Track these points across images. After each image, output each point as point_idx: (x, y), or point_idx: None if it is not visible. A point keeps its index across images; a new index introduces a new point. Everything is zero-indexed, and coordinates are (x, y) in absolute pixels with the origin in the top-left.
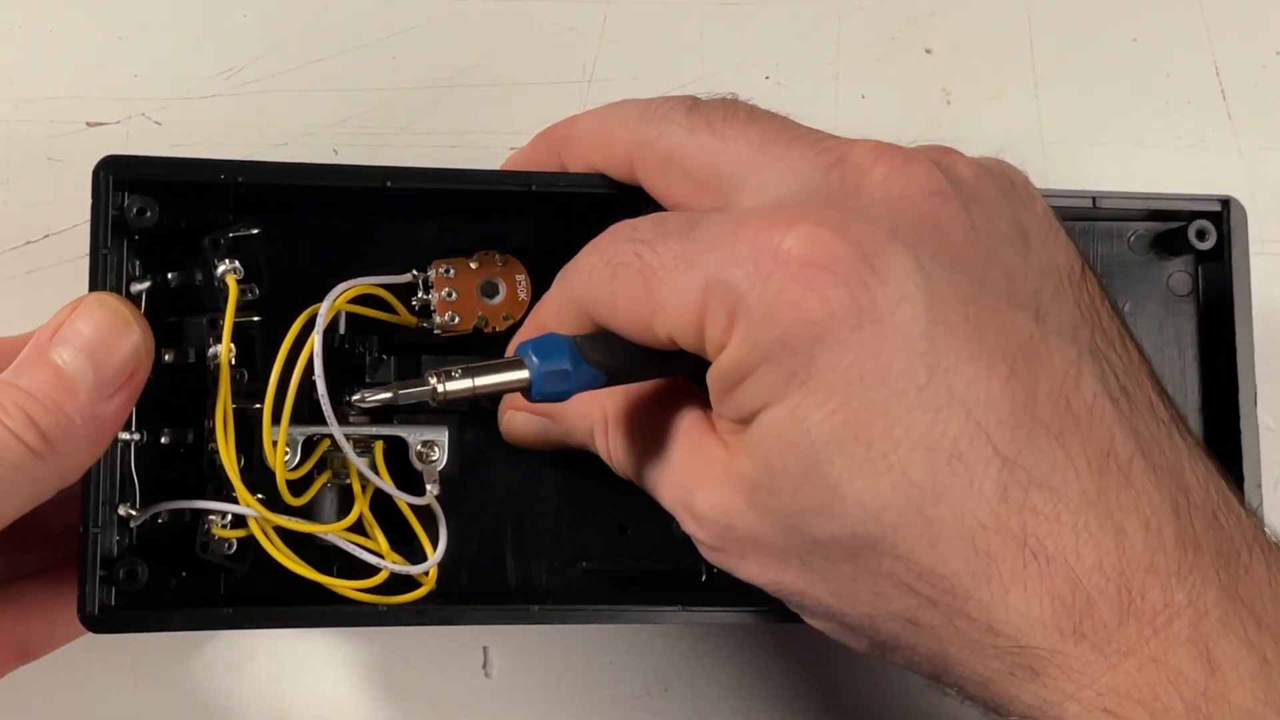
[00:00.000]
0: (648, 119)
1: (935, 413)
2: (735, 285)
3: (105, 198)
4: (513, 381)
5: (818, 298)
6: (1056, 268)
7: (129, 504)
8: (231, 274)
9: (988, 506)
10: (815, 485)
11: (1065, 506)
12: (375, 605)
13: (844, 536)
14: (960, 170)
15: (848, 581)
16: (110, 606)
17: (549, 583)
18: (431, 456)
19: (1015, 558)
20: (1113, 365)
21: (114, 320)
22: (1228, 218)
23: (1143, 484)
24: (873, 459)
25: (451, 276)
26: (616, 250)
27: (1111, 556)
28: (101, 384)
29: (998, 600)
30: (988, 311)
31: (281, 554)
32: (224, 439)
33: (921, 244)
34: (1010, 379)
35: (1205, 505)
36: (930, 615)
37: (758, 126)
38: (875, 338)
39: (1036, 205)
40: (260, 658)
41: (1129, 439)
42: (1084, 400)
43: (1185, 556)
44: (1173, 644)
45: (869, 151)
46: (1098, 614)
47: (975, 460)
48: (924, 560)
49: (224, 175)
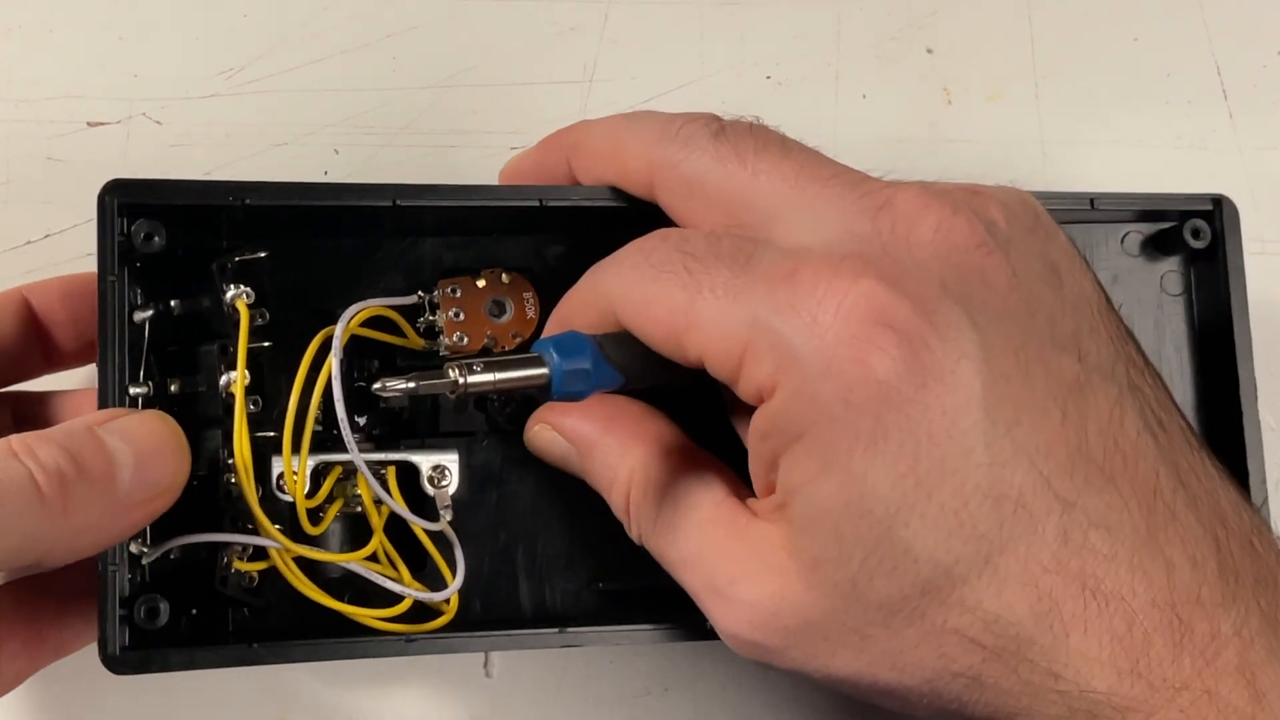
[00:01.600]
0: (670, 139)
1: (1001, 466)
2: (786, 334)
3: (111, 224)
4: (532, 377)
5: (882, 354)
6: (1088, 301)
7: (140, 540)
8: (241, 299)
9: (1050, 551)
10: (887, 549)
11: (1121, 545)
12: (402, 635)
13: (913, 596)
14: (992, 213)
15: (910, 649)
16: (130, 647)
17: (563, 604)
18: (443, 481)
19: (1076, 599)
20: (1147, 399)
21: (169, 438)
22: (1221, 216)
23: (1186, 518)
24: (945, 516)
25: (458, 296)
26: (665, 256)
27: (1164, 592)
28: (135, 486)
29: (1059, 644)
30: (1035, 358)
31: (304, 585)
32: (244, 470)
33: (971, 298)
34: (1064, 423)
35: (1241, 533)
36: (994, 668)
37: (791, 161)
38: (939, 395)
39: (1060, 237)
40: None
41: (1171, 473)
42: (1129, 438)
43: (1228, 587)
44: (1222, 675)
45: (916, 199)
46: (1154, 650)
47: (1038, 507)
48: (991, 609)
49: (232, 197)
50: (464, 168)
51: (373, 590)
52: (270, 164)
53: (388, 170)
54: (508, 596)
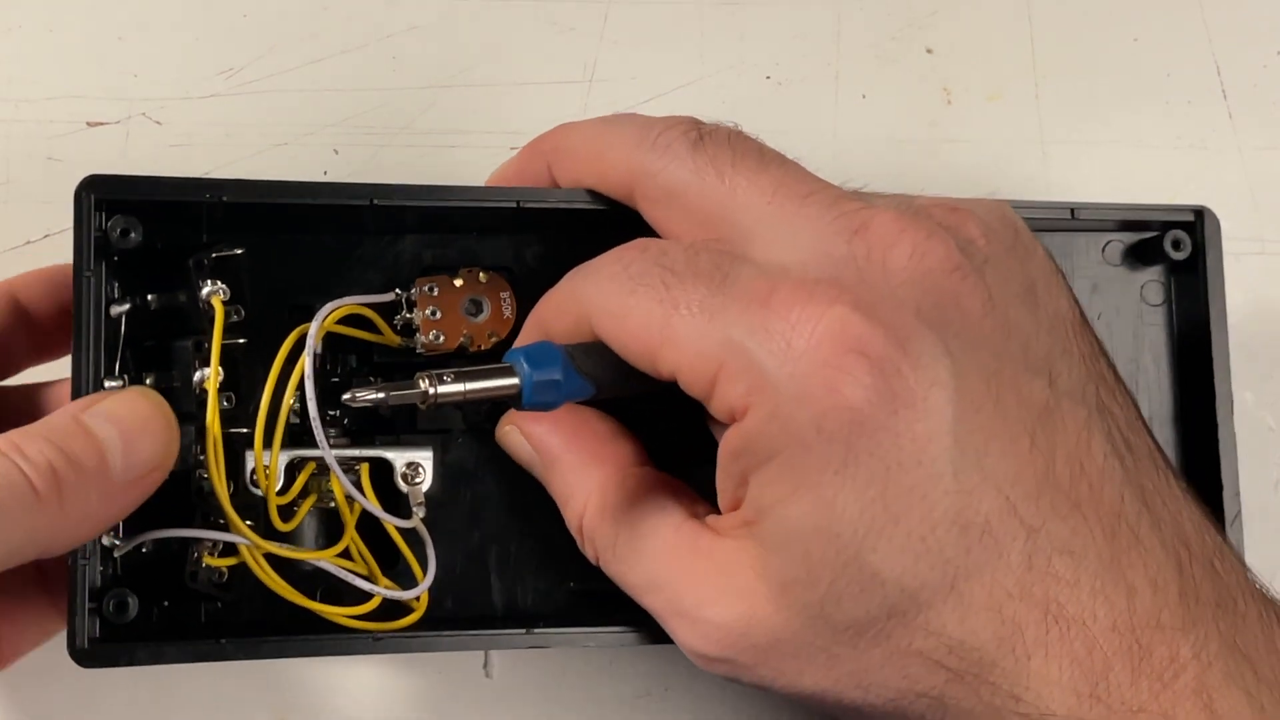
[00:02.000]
0: (649, 147)
1: (969, 493)
2: (760, 357)
3: (88, 219)
4: (503, 388)
5: (855, 383)
6: (1063, 319)
7: (112, 533)
8: (217, 295)
9: (1014, 577)
10: (855, 572)
11: (1084, 570)
12: (370, 633)
13: (879, 618)
14: (970, 231)
15: (875, 669)
16: (99, 640)
17: (535, 603)
18: (416, 479)
19: (1039, 624)
20: (1116, 420)
21: (155, 414)
22: (1202, 227)
23: (1149, 541)
24: (912, 541)
25: (435, 295)
26: (644, 269)
27: (1124, 616)
28: (126, 467)
29: (1021, 667)
30: (1007, 384)
31: (274, 582)
32: (215, 466)
33: (946, 324)
34: (1032, 450)
35: (1204, 555)
36: (957, 689)
37: (768, 175)
38: (909, 422)
39: (1038, 253)
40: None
41: (1136, 496)
42: (1095, 463)
43: (1189, 610)
44: (1180, 698)
45: (893, 223)
46: (1113, 674)
47: (1003, 533)
48: (955, 634)
49: (209, 194)
50: (464, 168)
51: (344, 588)
52: (270, 164)
53: (388, 170)
54: (480, 595)
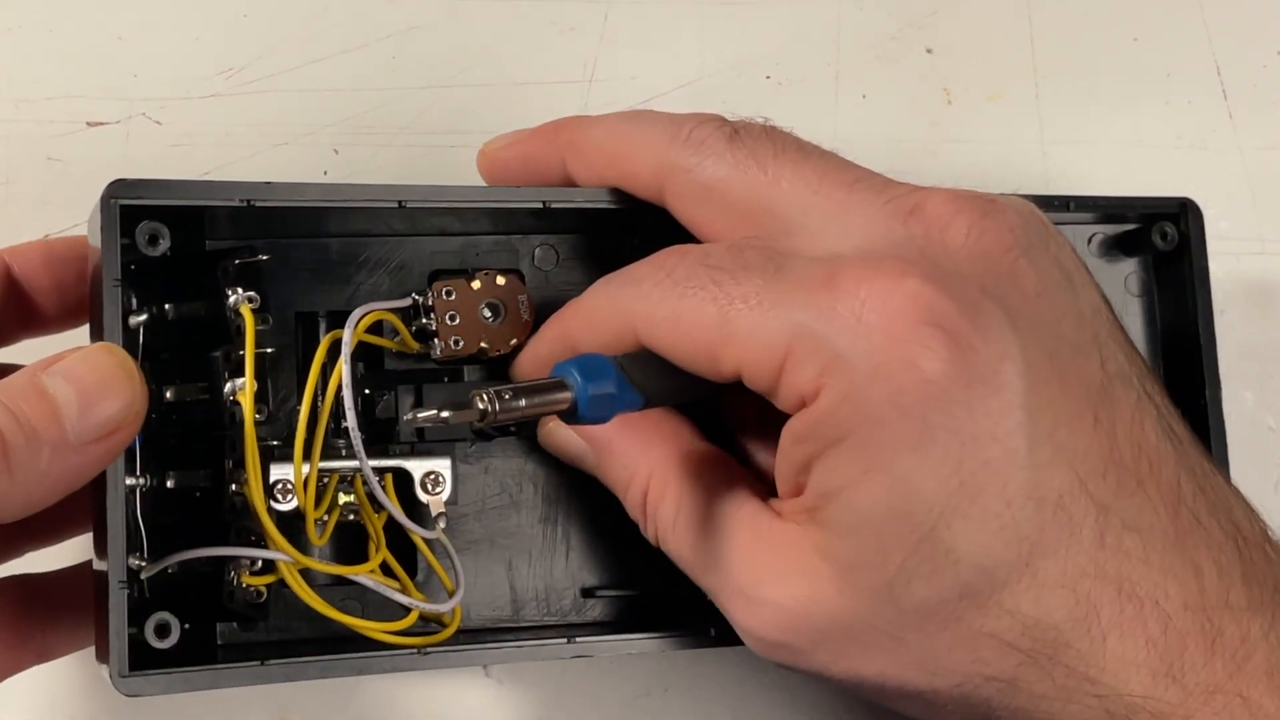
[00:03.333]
0: (682, 143)
1: (1042, 468)
2: (831, 338)
3: (115, 224)
4: (557, 401)
5: (933, 355)
6: (1098, 307)
7: (137, 554)
8: (246, 303)
9: (1088, 554)
10: (928, 551)
11: (1153, 548)
12: (415, 648)
13: (951, 599)
14: (1011, 220)
15: (944, 653)
16: (142, 666)
17: (556, 611)
18: (436, 488)
19: (1113, 603)
20: (1159, 405)
21: (117, 370)
22: (1187, 219)
23: (1208, 523)
24: (988, 518)
25: (452, 299)
26: (689, 271)
27: (1195, 595)
28: (84, 427)
29: (1097, 648)
30: (1067, 362)
31: (314, 600)
32: (254, 480)
33: (1007, 301)
34: (1096, 427)
35: (1256, 540)
36: (1029, 672)
37: (811, 165)
38: (984, 396)
39: (1067, 247)
40: None
41: (1190, 479)
42: (1151, 443)
43: (1253, 592)
44: (1253, 678)
45: (947, 203)
46: (1188, 654)
47: (1076, 509)
48: (1030, 613)
49: (242, 199)
50: (464, 168)
51: (368, 602)
52: (270, 164)
53: (388, 170)
54: (501, 603)
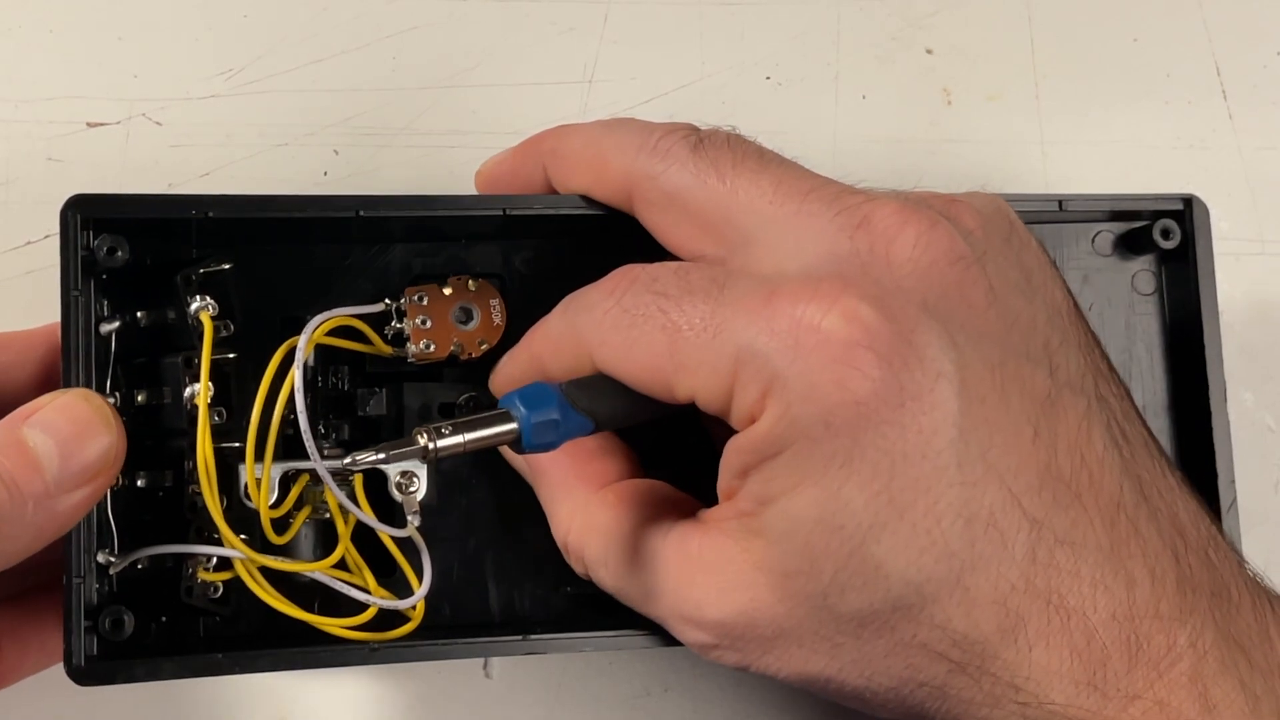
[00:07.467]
0: (649, 151)
1: (973, 485)
2: (771, 359)
3: (74, 238)
4: (502, 434)
5: (862, 377)
6: (1058, 308)
7: (108, 550)
8: (205, 311)
9: (1018, 569)
10: (858, 564)
11: (1084, 561)
12: (366, 643)
13: (884, 611)
14: (967, 222)
15: (879, 659)
16: (96, 658)
17: (533, 609)
18: (411, 487)
19: (1041, 616)
20: (1113, 410)
21: (93, 418)
22: (1191, 216)
23: (1147, 531)
24: (916, 535)
25: (425, 304)
26: (636, 299)
27: (1123, 606)
28: (65, 476)
29: (1022, 658)
30: (1011, 374)
31: (269, 595)
32: (207, 481)
33: (951, 316)
34: (1035, 441)
35: (1198, 545)
36: (958, 680)
37: (768, 175)
38: (915, 415)
39: (1032, 244)
40: None
41: (1134, 487)
42: (1095, 453)
43: (1185, 600)
44: (1175, 686)
45: (894, 215)
46: (1110, 664)
47: (1008, 526)
48: (959, 627)
49: (195, 211)
50: (464, 168)
51: (341, 598)
52: (270, 164)
53: (388, 170)
54: (477, 601)
